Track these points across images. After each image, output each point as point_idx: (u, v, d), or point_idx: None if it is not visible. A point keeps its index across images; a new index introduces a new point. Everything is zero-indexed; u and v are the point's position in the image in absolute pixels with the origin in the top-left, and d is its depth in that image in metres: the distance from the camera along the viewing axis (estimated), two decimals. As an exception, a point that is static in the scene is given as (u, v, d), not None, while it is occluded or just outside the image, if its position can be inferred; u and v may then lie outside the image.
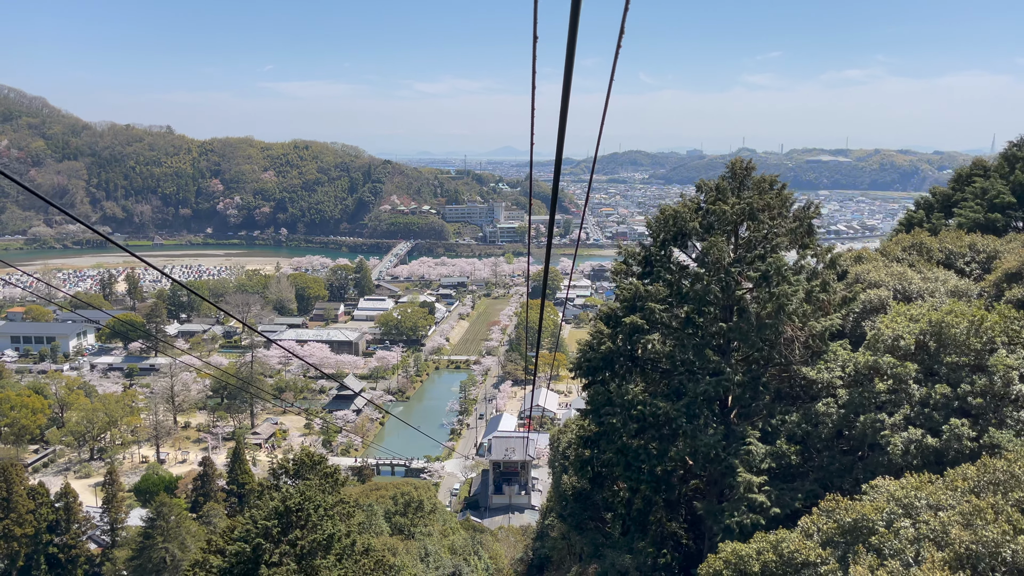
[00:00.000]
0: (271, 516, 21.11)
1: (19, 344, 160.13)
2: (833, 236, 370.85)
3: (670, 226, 26.35)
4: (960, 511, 13.63)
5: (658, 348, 25.43)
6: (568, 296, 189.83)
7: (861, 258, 29.23)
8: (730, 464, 23.35)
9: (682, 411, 24.61)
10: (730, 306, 25.47)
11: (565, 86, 5.76)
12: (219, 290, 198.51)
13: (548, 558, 43.08)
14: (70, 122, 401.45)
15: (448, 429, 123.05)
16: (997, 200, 36.77)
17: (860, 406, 21.88)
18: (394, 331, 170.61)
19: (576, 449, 28.84)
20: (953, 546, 12.96)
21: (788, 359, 24.58)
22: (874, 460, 21.15)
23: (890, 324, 22.66)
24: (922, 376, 21.94)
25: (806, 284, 24.70)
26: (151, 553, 61.65)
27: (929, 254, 28.74)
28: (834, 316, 24.92)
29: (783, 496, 22.52)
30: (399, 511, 39.80)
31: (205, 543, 25.29)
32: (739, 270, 24.90)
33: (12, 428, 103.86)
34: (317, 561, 20.83)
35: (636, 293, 25.76)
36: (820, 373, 23.71)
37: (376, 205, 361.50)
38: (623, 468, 25.99)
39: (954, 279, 25.75)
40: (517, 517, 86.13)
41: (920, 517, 14.19)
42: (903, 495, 14.84)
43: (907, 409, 21.02)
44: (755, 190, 25.37)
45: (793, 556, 15.10)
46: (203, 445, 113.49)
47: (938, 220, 39.57)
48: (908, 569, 13.17)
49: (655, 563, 26.31)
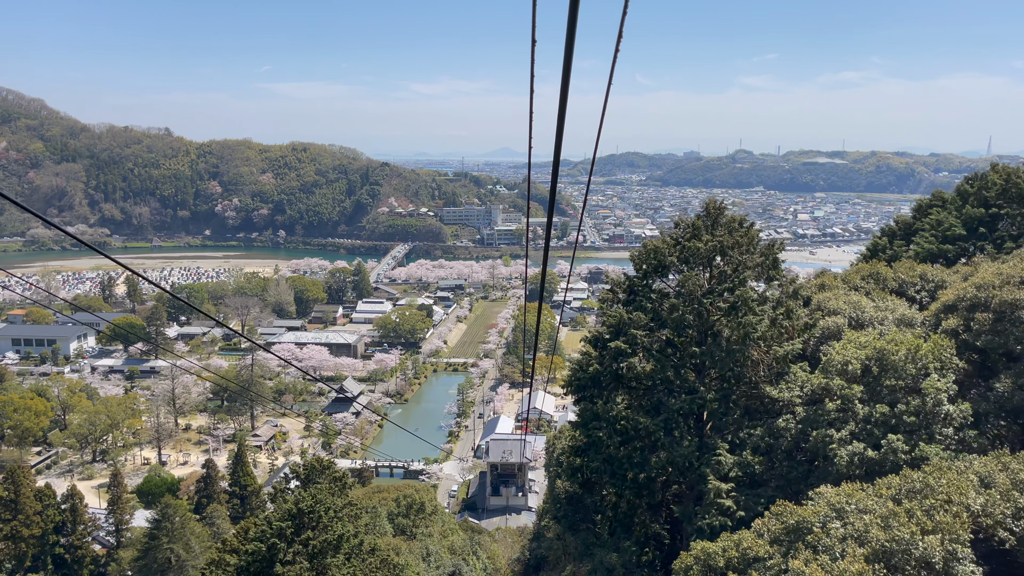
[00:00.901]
0: (285, 517, 22.58)
1: (20, 346, 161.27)
2: (829, 239, 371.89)
3: (651, 259, 29.16)
4: (880, 514, 15.72)
5: (639, 369, 28.04)
6: (565, 299, 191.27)
7: (824, 286, 31.32)
8: (702, 473, 25.90)
9: (661, 425, 27.41)
10: (704, 331, 28.00)
11: (563, 92, 5.80)
12: (218, 292, 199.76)
13: (544, 558, 44.53)
14: (68, 124, 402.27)
15: (446, 431, 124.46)
16: (949, 232, 39.63)
17: (814, 422, 24.61)
18: (392, 334, 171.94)
19: (568, 457, 31.60)
20: (871, 544, 15.07)
21: (755, 379, 27.18)
22: (824, 470, 23.67)
23: (841, 350, 25.25)
24: (866, 397, 24.53)
25: (771, 312, 27.32)
26: (156, 553, 62.99)
27: (884, 283, 31.16)
28: (796, 341, 27.71)
29: (748, 501, 24.96)
30: (401, 513, 41.40)
31: (220, 543, 26.72)
32: (711, 300, 27.48)
33: (15, 430, 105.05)
34: (328, 560, 22.29)
35: (620, 320, 28.55)
36: (782, 392, 26.24)
37: (374, 207, 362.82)
38: (609, 476, 28.76)
39: (903, 308, 28.20)
40: (514, 518, 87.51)
41: (848, 519, 16.24)
42: (837, 501, 17.05)
43: (852, 426, 23.73)
44: (726, 228, 28.12)
45: (747, 552, 17.31)
46: (204, 447, 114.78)
47: (899, 247, 41.81)
48: (835, 562, 15.16)
49: (639, 560, 28.68)
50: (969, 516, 14.65)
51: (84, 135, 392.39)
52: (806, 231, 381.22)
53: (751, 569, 16.95)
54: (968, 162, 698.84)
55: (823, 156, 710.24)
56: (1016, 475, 15.63)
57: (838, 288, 30.11)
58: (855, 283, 31.23)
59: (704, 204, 29.09)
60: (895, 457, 21.52)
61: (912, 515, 15.30)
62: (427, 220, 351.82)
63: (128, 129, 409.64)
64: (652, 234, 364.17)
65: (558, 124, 6.25)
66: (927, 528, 15.00)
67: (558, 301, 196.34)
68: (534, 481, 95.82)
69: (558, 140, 6.41)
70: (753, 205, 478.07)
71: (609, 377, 28.83)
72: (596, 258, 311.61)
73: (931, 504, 15.67)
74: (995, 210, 39.04)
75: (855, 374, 24.77)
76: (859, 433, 23.35)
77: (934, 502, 15.70)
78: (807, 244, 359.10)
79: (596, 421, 28.63)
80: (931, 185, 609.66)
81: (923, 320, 27.57)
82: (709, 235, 27.63)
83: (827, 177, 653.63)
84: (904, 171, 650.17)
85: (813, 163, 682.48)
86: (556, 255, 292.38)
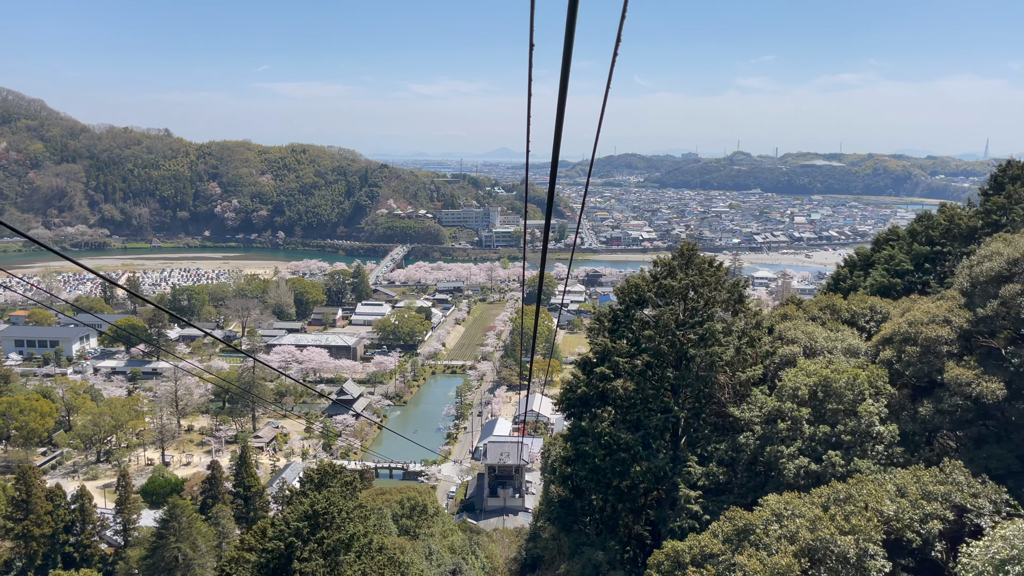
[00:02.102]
0: (302, 518, 24.59)
1: (23, 348, 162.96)
2: (825, 242, 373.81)
3: (632, 294, 32.86)
4: (809, 518, 18.65)
5: (622, 391, 31.72)
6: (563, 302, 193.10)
7: (786, 316, 34.04)
8: (675, 482, 29.40)
9: (640, 440, 30.96)
10: (678, 358, 31.60)
11: (560, 100, 5.84)
12: (219, 294, 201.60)
13: (540, 557, 46.54)
14: (69, 124, 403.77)
15: (445, 433, 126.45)
16: (899, 267, 43.35)
17: (769, 439, 28.07)
18: (391, 336, 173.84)
19: (560, 466, 35.25)
20: (800, 542, 17.94)
21: (722, 400, 30.95)
22: (776, 480, 26.84)
23: (792, 377, 28.74)
24: (812, 418, 28.00)
25: (736, 342, 30.76)
26: (164, 552, 64.91)
27: (838, 314, 34.52)
28: (757, 367, 31.16)
29: (713, 506, 28.14)
30: (405, 514, 43.54)
31: (239, 542, 28.72)
32: (684, 332, 30.87)
33: (21, 431, 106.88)
34: (340, 557, 24.29)
35: (605, 348, 32.39)
36: (743, 413, 29.70)
37: (373, 209, 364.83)
38: (595, 483, 32.39)
39: (851, 338, 31.53)
40: (511, 519, 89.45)
41: (784, 522, 19.10)
42: (778, 507, 20.13)
43: (799, 443, 27.23)
44: (697, 268, 31.40)
45: (704, 550, 20.26)
46: (206, 448, 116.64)
47: (858, 278, 45.06)
48: (770, 557, 17.91)
49: (622, 558, 31.86)
50: (881, 520, 17.53)
51: (84, 136, 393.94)
52: (802, 234, 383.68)
53: (707, 564, 19.73)
54: (965, 165, 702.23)
55: (820, 158, 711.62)
56: (926, 487, 18.73)
57: (798, 318, 33.26)
58: (813, 313, 34.43)
59: (679, 246, 31.87)
60: (833, 470, 24.76)
61: (834, 519, 18.06)
62: (425, 222, 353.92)
63: (128, 130, 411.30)
64: (649, 236, 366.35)
65: (556, 131, 6.27)
66: (844, 530, 17.78)
67: (555, 304, 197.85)
68: (531, 483, 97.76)
69: (555, 148, 6.48)
70: (750, 207, 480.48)
71: (596, 397, 32.34)
72: (593, 260, 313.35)
73: (850, 510, 18.50)
74: (939, 248, 42.35)
75: (804, 398, 28.20)
76: (805, 449, 26.88)
77: (853, 508, 18.53)
78: (803, 247, 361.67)
79: (584, 436, 32.03)
80: (928, 188, 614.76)
81: (866, 350, 30.75)
82: (683, 273, 31.00)
83: (824, 180, 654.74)
84: (901, 174, 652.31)
85: (810, 165, 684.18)
86: (553, 257, 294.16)
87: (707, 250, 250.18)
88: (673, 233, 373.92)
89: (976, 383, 25.70)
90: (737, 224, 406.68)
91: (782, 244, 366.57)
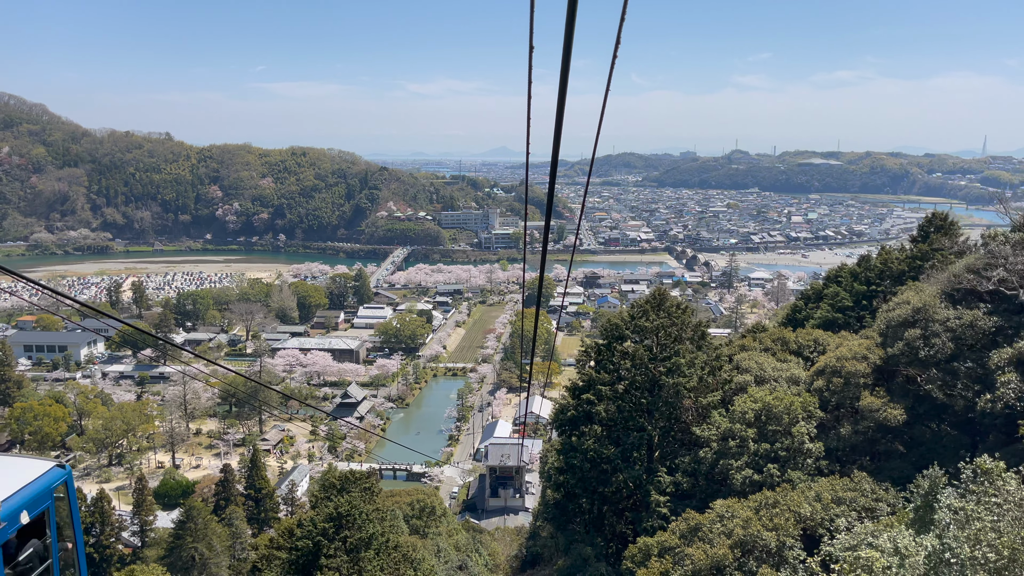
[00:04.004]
0: (327, 520, 27.83)
1: (32, 353, 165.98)
2: (822, 241, 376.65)
3: (614, 331, 39.98)
4: (742, 518, 22.45)
5: (604, 414, 37.67)
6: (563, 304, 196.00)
7: (744, 347, 38.35)
8: (648, 489, 35.15)
9: (619, 454, 37.05)
10: (651, 386, 37.37)
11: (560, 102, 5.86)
12: (223, 298, 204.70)
13: (539, 554, 49.82)
14: (70, 129, 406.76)
15: (446, 435, 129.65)
16: (841, 303, 48.46)
17: (722, 454, 33.56)
18: (393, 339, 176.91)
19: (555, 474, 40.91)
20: (734, 537, 21.86)
21: (687, 421, 36.80)
22: (727, 489, 32.10)
23: (741, 403, 34.32)
24: (756, 437, 33.16)
25: (699, 372, 36.68)
26: (181, 552, 68.19)
27: (788, 345, 39.87)
28: (716, 393, 37.03)
29: (678, 510, 33.13)
30: (415, 515, 46.91)
31: (268, 541, 31.95)
32: (655, 365, 36.79)
33: (35, 436, 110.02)
34: (362, 554, 27.49)
35: (591, 377, 39.13)
36: (703, 432, 35.17)
37: (373, 211, 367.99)
38: (584, 490, 38.09)
39: (795, 368, 37.07)
40: (512, 519, 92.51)
41: (725, 522, 22.87)
42: (722, 510, 25.10)
43: (746, 458, 32.65)
44: (666, 312, 37.58)
45: (664, 544, 25.09)
46: (215, 451, 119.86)
47: (811, 310, 50.05)
48: (712, 548, 21.15)
49: (606, 552, 37.10)
50: (799, 520, 21.53)
51: (86, 140, 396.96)
52: (799, 234, 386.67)
53: (667, 555, 24.41)
54: (962, 163, 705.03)
55: (818, 157, 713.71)
56: (838, 493, 23.00)
57: (754, 349, 38.07)
58: (767, 344, 39.96)
59: (653, 291, 36.50)
60: (771, 480, 29.98)
61: (762, 519, 22.14)
62: (425, 224, 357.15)
63: (129, 134, 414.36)
64: (647, 237, 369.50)
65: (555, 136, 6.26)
66: (769, 527, 22.73)
67: (554, 306, 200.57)
68: (531, 483, 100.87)
69: (554, 154, 6.49)
70: (748, 207, 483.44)
71: (583, 417, 38.40)
72: (592, 262, 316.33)
73: (775, 512, 23.41)
74: (874, 287, 47.27)
75: (750, 420, 33.62)
76: (750, 463, 32.17)
77: (777, 511, 23.39)
78: (800, 247, 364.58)
79: (573, 451, 37.95)
80: (925, 186, 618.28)
81: (805, 379, 35.99)
82: (655, 315, 37.30)
83: (822, 178, 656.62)
84: (898, 172, 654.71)
85: (808, 164, 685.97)
86: (552, 258, 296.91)
87: (704, 251, 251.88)
88: (671, 234, 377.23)
89: (883, 409, 31.43)
90: (735, 224, 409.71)
91: (779, 244, 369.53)
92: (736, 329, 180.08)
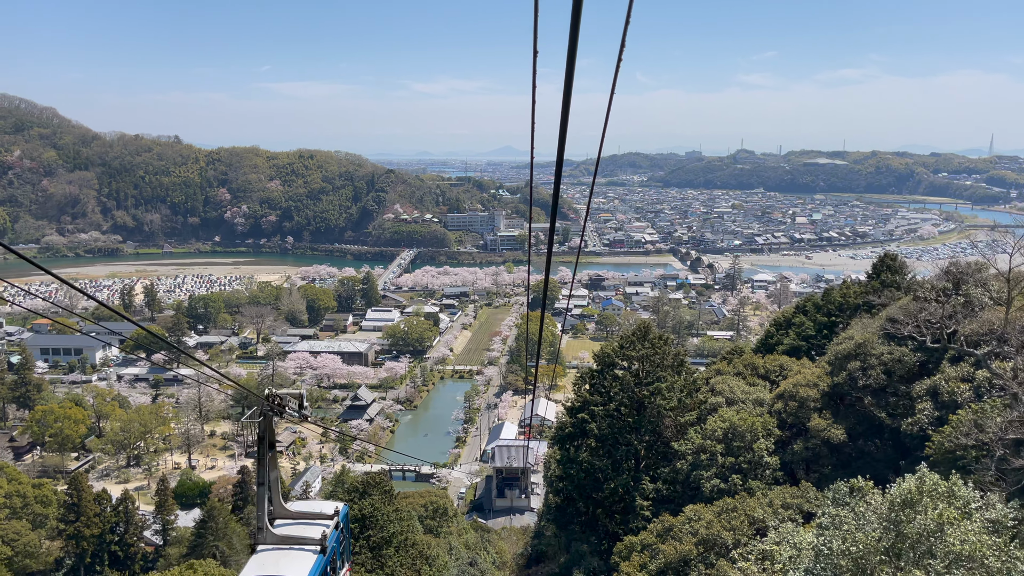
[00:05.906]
0: (352, 520, 30.92)
1: (48, 356, 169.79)
2: (826, 243, 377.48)
3: (606, 359, 45.91)
4: (706, 520, 26.34)
5: (597, 431, 43.40)
6: (568, 307, 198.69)
7: (719, 371, 42.35)
8: (634, 495, 40.95)
9: (610, 465, 43.49)
10: (637, 406, 43.42)
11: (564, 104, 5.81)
12: (233, 301, 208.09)
13: (544, 552, 53.05)
14: (80, 132, 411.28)
15: (454, 437, 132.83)
16: (805, 333, 53.59)
17: (696, 466, 39.33)
18: (401, 342, 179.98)
19: (555, 481, 47.11)
20: (699, 535, 25.37)
21: (667, 436, 42.66)
22: (699, 495, 37.27)
23: (712, 423, 40.13)
24: (724, 452, 38.35)
25: (678, 395, 42.47)
26: (203, 551, 71.31)
27: (757, 370, 45.41)
28: (692, 413, 42.85)
29: (658, 512, 38.46)
30: (429, 515, 50.24)
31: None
32: (640, 388, 42.92)
33: (56, 438, 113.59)
34: (384, 551, 30.67)
35: (585, 399, 45.38)
36: (681, 446, 40.79)
37: (380, 213, 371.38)
38: (580, 495, 44.21)
39: (761, 391, 43.20)
40: (518, 518, 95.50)
41: (692, 524, 26.44)
42: (690, 513, 29.14)
43: (715, 469, 38.21)
44: (650, 343, 43.51)
45: (643, 542, 28.90)
46: (229, 452, 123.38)
47: (782, 336, 54.03)
48: (680, 544, 24.87)
49: (600, 549, 42.20)
50: (752, 522, 25.11)
51: (96, 143, 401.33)
52: (803, 235, 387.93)
53: (645, 551, 28.86)
54: (968, 163, 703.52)
55: (824, 156, 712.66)
56: (786, 500, 27.35)
57: (728, 373, 42.49)
58: (739, 369, 45.60)
59: (636, 326, 41.09)
60: (735, 488, 35.13)
61: (721, 521, 25.67)
62: (432, 226, 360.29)
63: (139, 137, 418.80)
64: (652, 239, 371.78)
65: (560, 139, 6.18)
66: (727, 528, 27.02)
67: (559, 309, 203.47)
68: (536, 484, 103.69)
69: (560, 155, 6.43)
70: (753, 207, 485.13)
71: (579, 433, 44.66)
72: (597, 263, 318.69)
73: (734, 515, 27.29)
74: (834, 319, 52.09)
75: (719, 437, 38.79)
76: (718, 473, 37.48)
77: (736, 514, 27.54)
78: (804, 248, 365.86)
79: (569, 463, 44.20)
80: (931, 186, 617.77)
81: (768, 401, 41.50)
82: (640, 344, 43.49)
83: (827, 178, 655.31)
84: (904, 172, 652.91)
85: (814, 164, 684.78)
86: (557, 261, 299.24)
87: (709, 252, 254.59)
88: (675, 235, 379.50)
89: (827, 429, 37.00)
90: (739, 225, 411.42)
91: (783, 245, 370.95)
92: (738, 332, 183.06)
